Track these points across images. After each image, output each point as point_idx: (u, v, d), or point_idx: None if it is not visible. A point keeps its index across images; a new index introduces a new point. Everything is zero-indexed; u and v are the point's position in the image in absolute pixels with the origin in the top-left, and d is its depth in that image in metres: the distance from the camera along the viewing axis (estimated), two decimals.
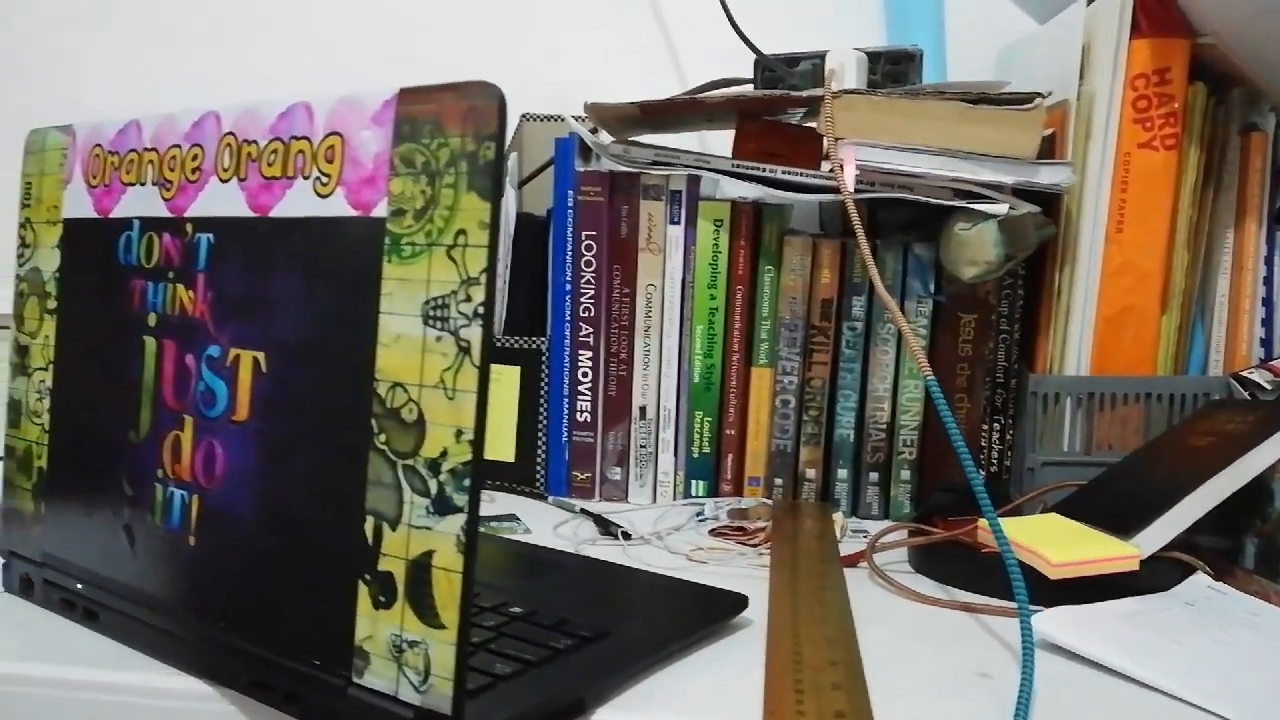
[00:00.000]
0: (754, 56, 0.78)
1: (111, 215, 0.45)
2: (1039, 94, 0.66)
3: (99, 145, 0.46)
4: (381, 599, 0.35)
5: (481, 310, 0.33)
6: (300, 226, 0.38)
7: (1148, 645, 0.47)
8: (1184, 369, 0.71)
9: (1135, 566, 0.55)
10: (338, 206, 0.37)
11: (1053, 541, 0.56)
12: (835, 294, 0.74)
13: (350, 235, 0.36)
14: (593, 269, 0.77)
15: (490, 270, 0.33)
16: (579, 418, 0.78)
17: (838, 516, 0.72)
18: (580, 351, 0.78)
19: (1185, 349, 0.71)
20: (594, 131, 0.79)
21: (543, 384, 0.78)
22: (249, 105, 0.40)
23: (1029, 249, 0.67)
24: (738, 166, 0.73)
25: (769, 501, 0.76)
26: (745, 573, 0.61)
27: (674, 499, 0.78)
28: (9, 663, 0.43)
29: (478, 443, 0.33)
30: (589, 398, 0.78)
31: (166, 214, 0.43)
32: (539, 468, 0.79)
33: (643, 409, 0.78)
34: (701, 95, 0.74)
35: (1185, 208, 0.69)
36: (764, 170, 0.72)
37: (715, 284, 0.76)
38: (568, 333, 0.77)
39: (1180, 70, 0.67)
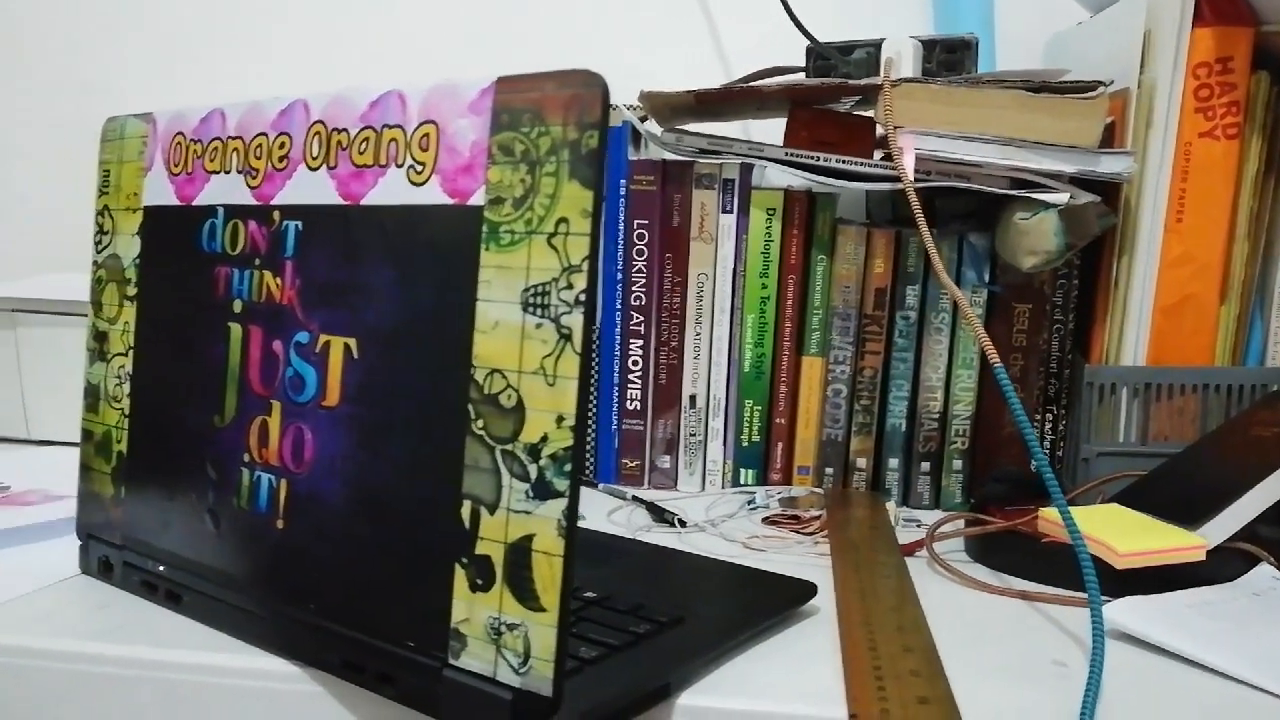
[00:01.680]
0: (805, 44, 0.78)
1: (194, 203, 0.46)
2: (1101, 82, 0.65)
3: (181, 133, 0.46)
4: (479, 582, 0.36)
5: (583, 297, 0.33)
6: (393, 214, 0.38)
7: (1220, 634, 0.47)
8: (1242, 360, 0.71)
9: (1202, 557, 0.55)
10: (432, 195, 0.37)
11: (1118, 531, 0.56)
12: (889, 283, 0.74)
13: (446, 223, 0.37)
14: (644, 258, 0.77)
15: (592, 258, 0.33)
16: (629, 406, 0.78)
17: (890, 506, 0.72)
18: (631, 340, 0.78)
19: (1244, 340, 0.71)
20: (644, 120, 0.80)
21: (593, 372, 0.79)
22: (338, 93, 0.40)
23: (1089, 239, 0.67)
24: (792, 155, 0.73)
25: (819, 490, 0.76)
26: (804, 561, 0.61)
27: (722, 487, 0.79)
28: (97, 643, 0.43)
29: (579, 428, 0.33)
30: (639, 386, 0.78)
31: (252, 202, 0.43)
32: (588, 455, 0.79)
33: (693, 398, 0.78)
34: (757, 84, 0.73)
35: (1246, 198, 0.69)
36: (819, 159, 0.72)
37: (767, 273, 0.76)
38: (618, 321, 0.78)
39: (1243, 59, 0.67)
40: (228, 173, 0.44)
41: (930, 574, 0.59)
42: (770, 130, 0.93)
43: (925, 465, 0.76)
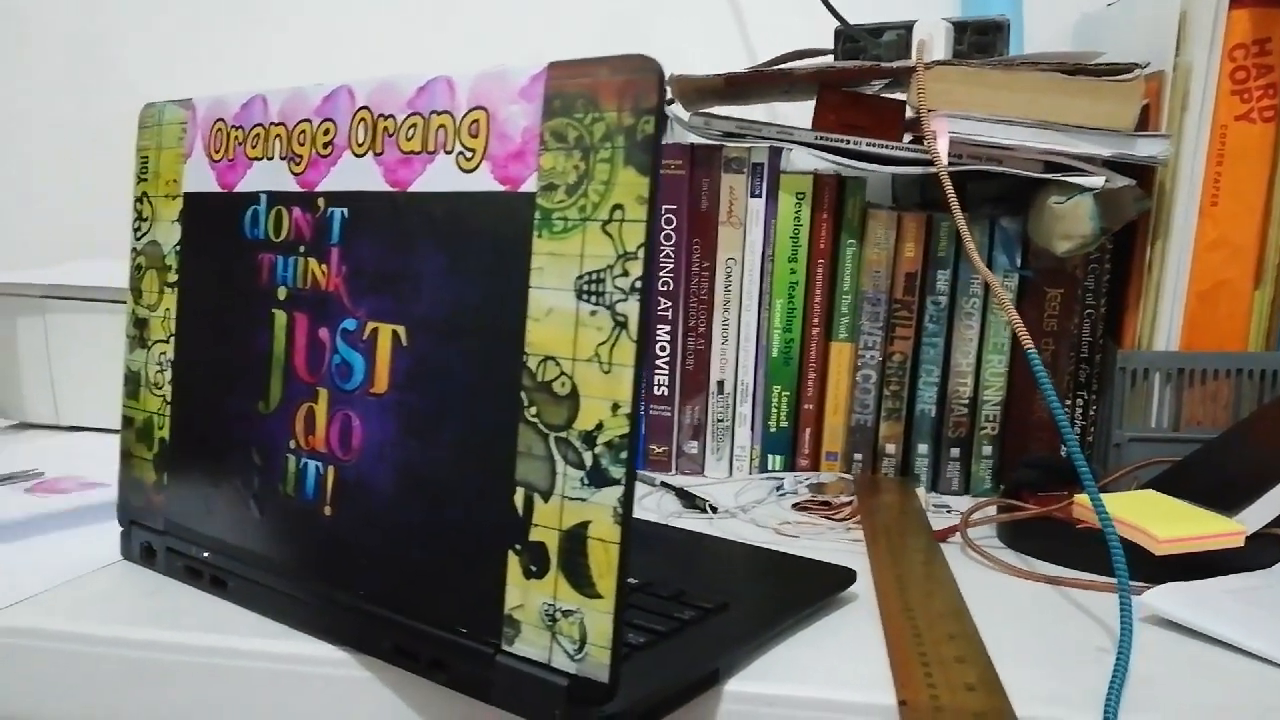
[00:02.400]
0: (834, 26, 0.78)
1: (236, 189, 0.46)
2: (1137, 64, 0.65)
3: (221, 120, 0.46)
4: (533, 568, 0.36)
5: (639, 285, 0.33)
6: (442, 201, 0.38)
7: (1263, 621, 0.47)
8: (1276, 345, 0.70)
9: (1240, 544, 0.55)
10: (483, 181, 0.37)
11: (1156, 518, 0.56)
12: (919, 267, 0.74)
13: (497, 210, 0.37)
14: (672, 242, 0.77)
15: (648, 245, 0.33)
16: (656, 391, 0.78)
17: (919, 491, 0.72)
18: (658, 325, 0.78)
19: (1278, 325, 0.70)
20: (670, 103, 0.79)
21: None
22: (384, 79, 0.40)
23: (1124, 222, 0.66)
24: (822, 139, 0.72)
25: (848, 476, 0.76)
26: (837, 547, 0.61)
27: (749, 473, 0.78)
28: (149, 629, 0.44)
29: (634, 416, 0.33)
30: (666, 371, 0.78)
31: (296, 188, 0.43)
32: None
33: (720, 383, 0.78)
34: (789, 66, 0.73)
35: None
36: (849, 142, 0.72)
37: (796, 257, 0.76)
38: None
39: None
40: (270, 159, 0.44)
41: (964, 559, 0.59)
42: (794, 113, 0.93)
43: (955, 451, 0.76)
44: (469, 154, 0.37)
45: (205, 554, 0.47)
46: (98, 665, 0.43)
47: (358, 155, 0.41)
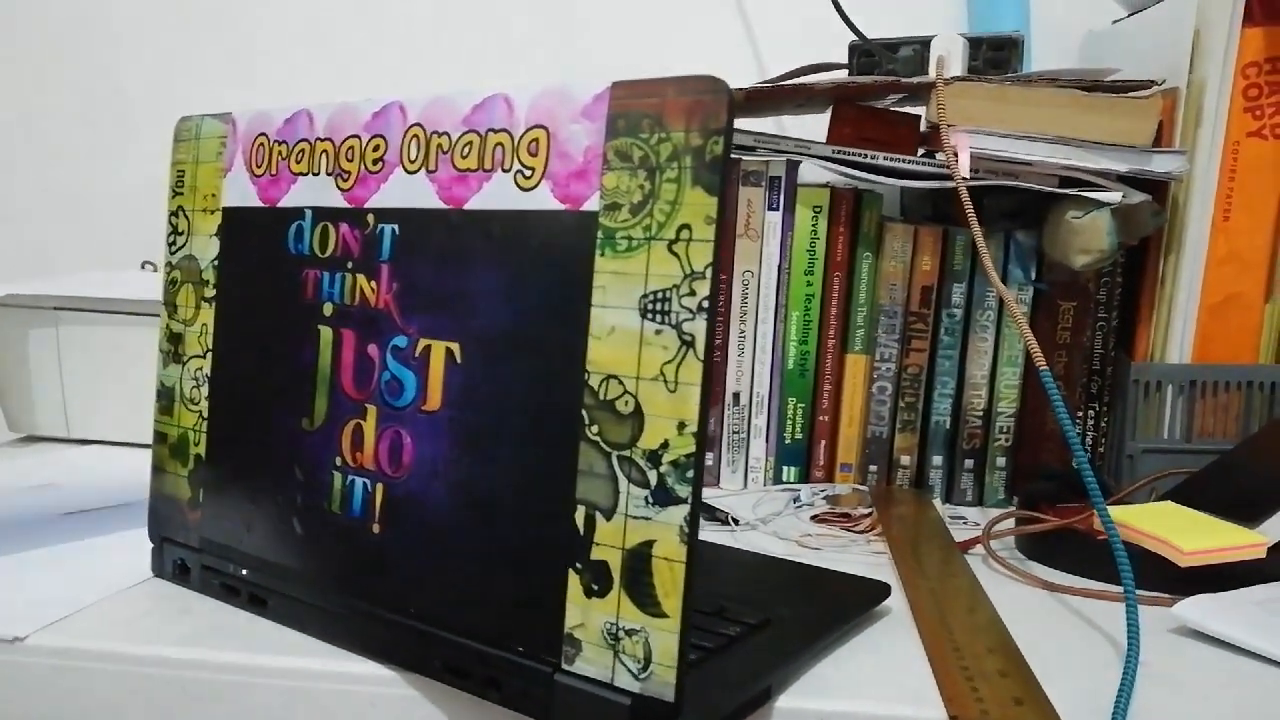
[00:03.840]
0: (848, 41, 0.78)
1: (280, 205, 0.45)
2: (1153, 81, 0.66)
3: (264, 134, 0.46)
4: (594, 587, 0.36)
5: (706, 304, 0.33)
6: (499, 219, 0.38)
7: None
8: None
9: (1263, 555, 0.56)
10: (542, 200, 0.37)
11: (1179, 529, 0.57)
12: (935, 280, 0.74)
13: (558, 229, 0.37)
14: None
15: (716, 265, 0.33)
16: None
17: (936, 502, 0.73)
18: None
19: None
20: None
21: None
22: (437, 96, 0.40)
23: (1141, 237, 0.67)
24: (839, 153, 0.73)
25: (863, 488, 0.77)
26: (863, 559, 0.61)
27: (764, 485, 0.79)
28: (189, 649, 0.43)
29: (701, 435, 0.33)
30: None
31: (344, 204, 0.43)
32: None
33: (736, 395, 0.78)
34: (808, 80, 0.73)
35: None
36: (866, 156, 0.72)
37: (813, 270, 0.76)
38: None
39: None
40: (316, 175, 0.44)
41: (987, 571, 0.60)
42: (804, 126, 0.93)
43: (969, 462, 0.76)
44: (528, 172, 0.37)
45: (244, 571, 0.47)
46: (142, 686, 0.42)
47: (410, 172, 0.41)
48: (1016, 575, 0.59)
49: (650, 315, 0.34)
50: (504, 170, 0.38)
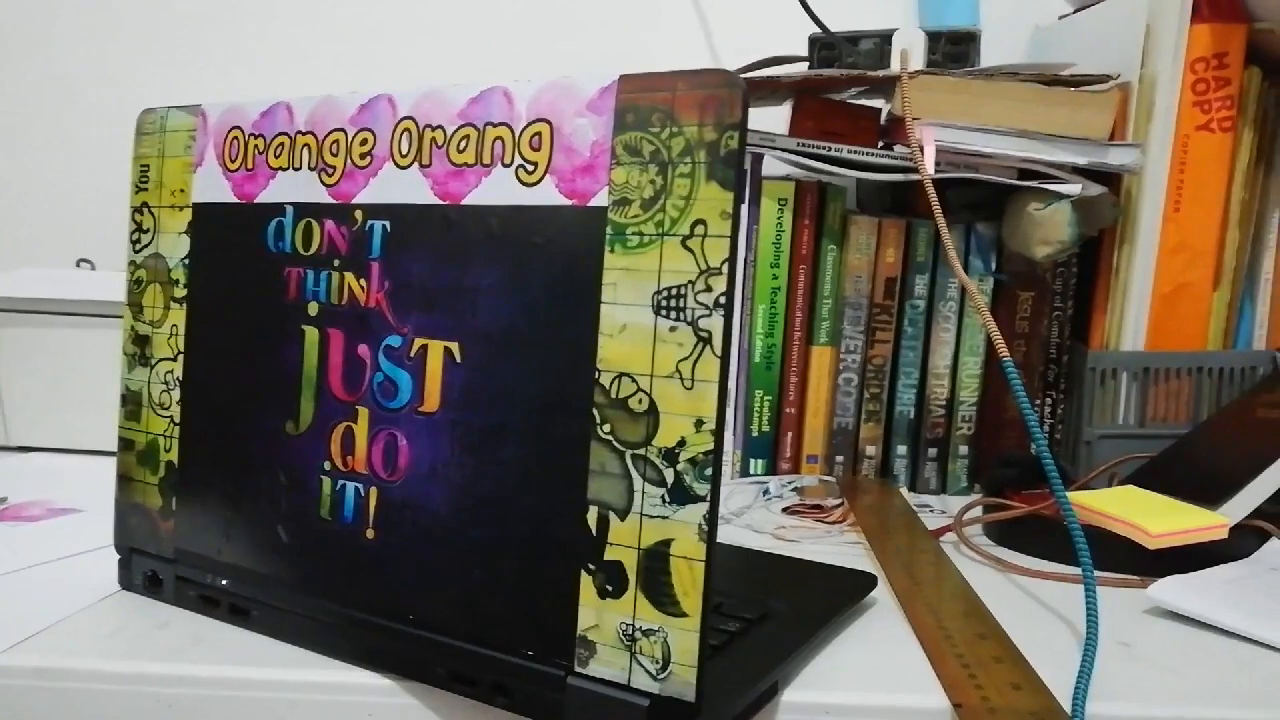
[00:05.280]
0: (809, 33, 0.79)
1: (258, 200, 0.44)
2: (1109, 76, 0.67)
3: (238, 128, 0.44)
4: (608, 588, 0.35)
5: (723, 300, 0.33)
6: (501, 215, 0.37)
7: (1264, 610, 0.50)
8: (1233, 344, 0.74)
9: (1225, 535, 0.58)
10: (547, 195, 0.36)
11: (1145, 513, 0.59)
12: (899, 273, 0.75)
13: (564, 225, 0.36)
14: None
15: (732, 260, 0.33)
16: None
17: (902, 491, 0.74)
18: None
19: (1234, 325, 0.74)
20: None
21: None
22: (430, 89, 0.39)
23: (1100, 228, 0.69)
24: (803, 145, 0.73)
25: (830, 479, 0.77)
26: (840, 550, 0.62)
27: (731, 477, 0.79)
28: (171, 664, 0.41)
29: (719, 432, 0.33)
30: None
31: (328, 200, 0.42)
32: None
33: None
34: (776, 73, 0.74)
35: (1238, 188, 0.72)
36: (830, 149, 0.73)
37: (778, 263, 0.76)
38: None
39: (1237, 55, 0.70)
40: (297, 169, 0.42)
41: (961, 559, 0.60)
42: (764, 119, 0.93)
43: (932, 451, 0.77)
44: (530, 167, 0.37)
45: (223, 582, 0.45)
46: (126, 705, 0.40)
47: (401, 167, 0.40)
48: (990, 562, 0.60)
49: (664, 312, 0.34)
50: (504, 165, 0.37)
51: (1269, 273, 0.74)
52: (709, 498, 0.33)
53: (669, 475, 0.34)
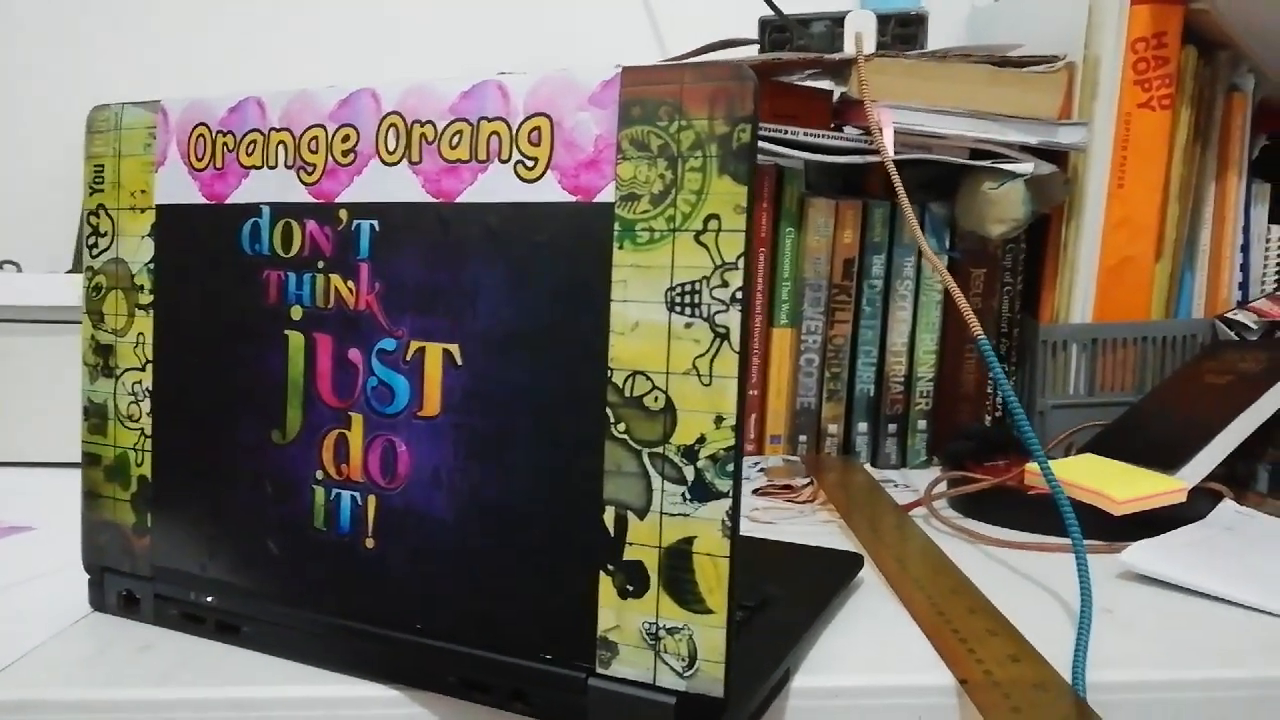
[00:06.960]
0: (760, 15, 0.79)
1: (230, 201, 0.42)
2: (1057, 57, 0.69)
3: (204, 124, 0.42)
4: (629, 588, 0.35)
5: (739, 295, 0.33)
6: (499, 212, 0.36)
7: (1231, 571, 0.52)
8: (1174, 313, 0.77)
9: (1184, 498, 0.60)
10: (549, 191, 0.35)
11: (1108, 480, 0.61)
12: (857, 253, 0.76)
13: (568, 221, 0.35)
14: None
15: (748, 254, 0.33)
16: None
17: (866, 467, 0.75)
18: None
19: (1175, 295, 0.77)
20: None
21: None
22: (418, 83, 0.38)
23: (1052, 206, 0.71)
24: (759, 129, 0.73)
25: (795, 459, 0.78)
26: (816, 530, 0.63)
27: None
28: (163, 688, 0.40)
29: (739, 427, 0.33)
30: None
31: (309, 199, 0.40)
32: None
33: None
34: (737, 56, 0.73)
35: (1178, 164, 0.74)
36: (786, 133, 0.73)
37: None
38: None
39: (1175, 34, 0.72)
40: (273, 168, 0.41)
41: (933, 533, 0.62)
42: None
43: (892, 427, 0.79)
44: (530, 163, 0.36)
45: (209, 598, 0.43)
46: None
47: (388, 164, 0.38)
48: (961, 534, 0.61)
49: (679, 308, 0.34)
50: (501, 161, 0.36)
51: (1206, 244, 0.77)
52: (731, 494, 0.33)
53: (689, 473, 0.34)
